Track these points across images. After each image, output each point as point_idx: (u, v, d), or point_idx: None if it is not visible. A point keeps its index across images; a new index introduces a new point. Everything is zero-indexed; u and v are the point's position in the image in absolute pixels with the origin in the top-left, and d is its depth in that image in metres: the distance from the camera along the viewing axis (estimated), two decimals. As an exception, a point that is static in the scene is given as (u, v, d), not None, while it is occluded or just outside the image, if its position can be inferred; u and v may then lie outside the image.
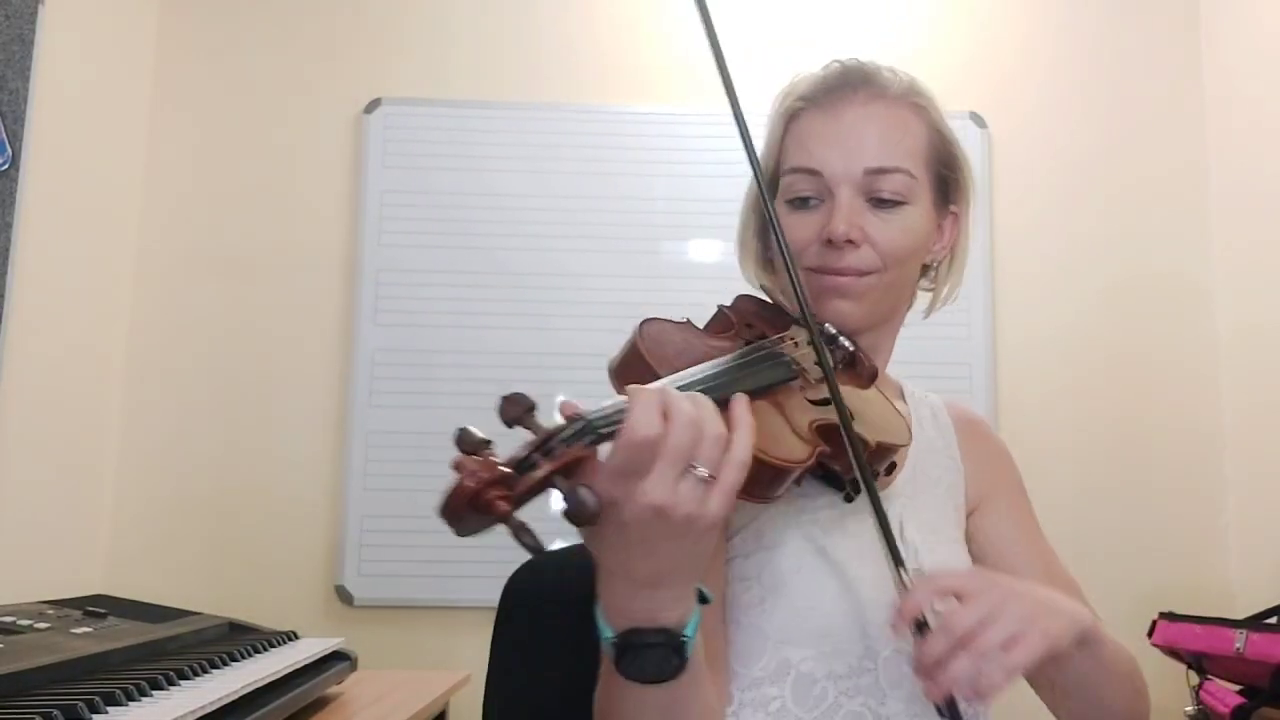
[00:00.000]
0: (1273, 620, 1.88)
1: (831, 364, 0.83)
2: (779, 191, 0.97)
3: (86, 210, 2.24)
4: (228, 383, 2.39)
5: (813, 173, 0.93)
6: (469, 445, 0.64)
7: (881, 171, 0.92)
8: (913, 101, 0.97)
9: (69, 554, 2.21)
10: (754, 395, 0.76)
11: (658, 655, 0.70)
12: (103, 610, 1.37)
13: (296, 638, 1.54)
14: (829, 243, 0.91)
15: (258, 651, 1.36)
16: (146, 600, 1.68)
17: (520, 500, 0.63)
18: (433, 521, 0.63)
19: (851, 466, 0.81)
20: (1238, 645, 1.76)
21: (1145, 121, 2.54)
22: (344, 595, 2.30)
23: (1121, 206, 2.50)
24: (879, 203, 0.93)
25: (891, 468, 0.92)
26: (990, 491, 1.06)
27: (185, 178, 2.46)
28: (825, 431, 0.81)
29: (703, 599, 0.74)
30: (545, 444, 0.65)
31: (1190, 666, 1.92)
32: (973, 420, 1.11)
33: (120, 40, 2.38)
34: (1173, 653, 1.98)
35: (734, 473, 0.67)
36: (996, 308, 2.44)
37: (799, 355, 0.86)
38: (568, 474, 0.65)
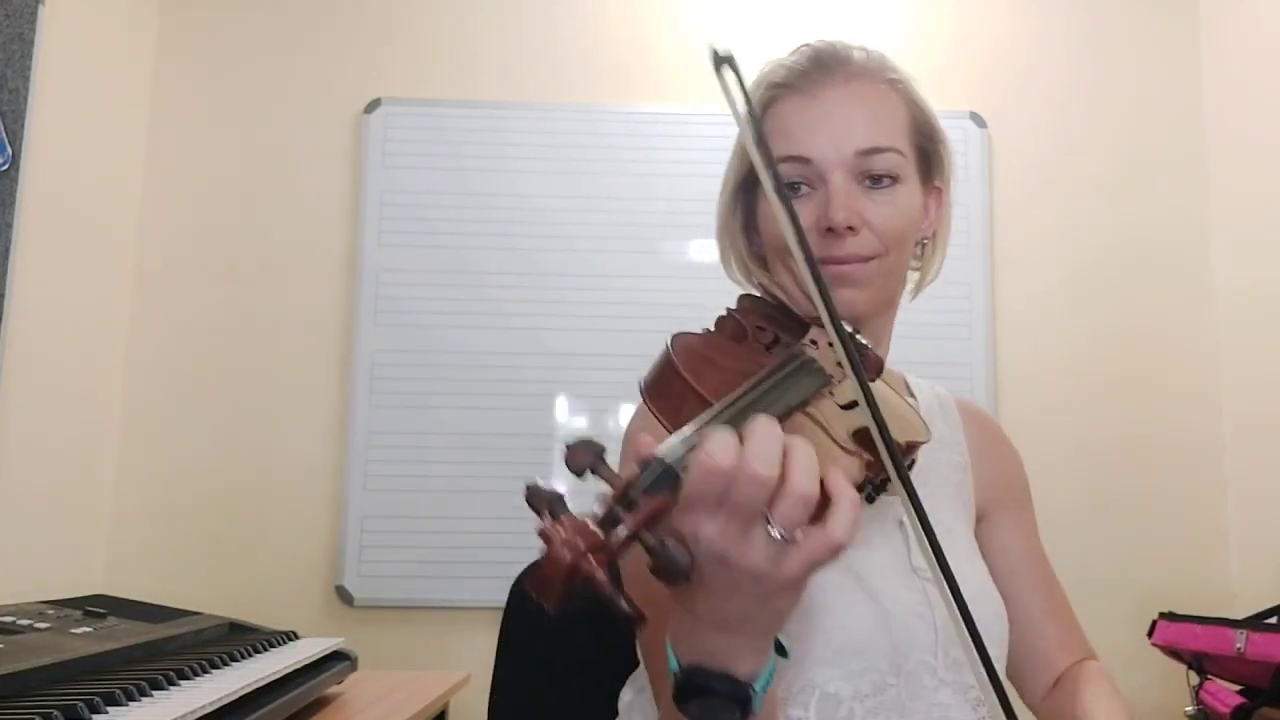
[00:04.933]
0: (1273, 620, 1.88)
1: (860, 361, 0.73)
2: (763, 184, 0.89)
3: (86, 210, 2.24)
4: (227, 383, 2.39)
5: (802, 160, 0.88)
6: (543, 503, 0.57)
7: (873, 151, 0.88)
8: (888, 78, 0.93)
9: (69, 554, 2.20)
10: (795, 410, 0.70)
11: (720, 705, 0.62)
12: (102, 610, 1.37)
13: (296, 638, 1.54)
14: (829, 231, 0.86)
15: (258, 651, 1.36)
16: (146, 600, 1.68)
17: (613, 566, 0.56)
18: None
19: (883, 468, 0.73)
20: (1238, 645, 1.76)
21: (1145, 122, 2.54)
22: (344, 595, 2.30)
23: (1122, 206, 2.50)
24: (873, 184, 0.89)
25: (910, 466, 0.85)
26: (999, 500, 1.03)
27: (185, 178, 2.46)
28: (860, 437, 0.73)
29: (781, 651, 0.66)
30: (625, 496, 0.58)
31: (1190, 666, 1.92)
32: (984, 420, 1.07)
33: (120, 40, 2.38)
34: (1173, 653, 1.98)
35: (822, 546, 0.59)
36: (997, 307, 2.44)
37: (822, 358, 0.79)
38: (652, 526, 0.58)
